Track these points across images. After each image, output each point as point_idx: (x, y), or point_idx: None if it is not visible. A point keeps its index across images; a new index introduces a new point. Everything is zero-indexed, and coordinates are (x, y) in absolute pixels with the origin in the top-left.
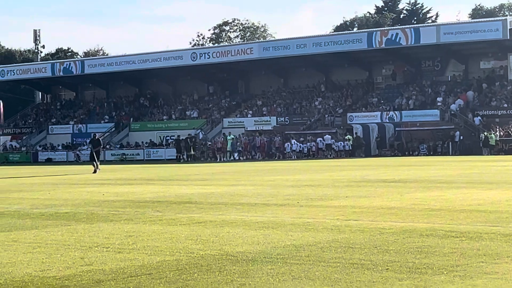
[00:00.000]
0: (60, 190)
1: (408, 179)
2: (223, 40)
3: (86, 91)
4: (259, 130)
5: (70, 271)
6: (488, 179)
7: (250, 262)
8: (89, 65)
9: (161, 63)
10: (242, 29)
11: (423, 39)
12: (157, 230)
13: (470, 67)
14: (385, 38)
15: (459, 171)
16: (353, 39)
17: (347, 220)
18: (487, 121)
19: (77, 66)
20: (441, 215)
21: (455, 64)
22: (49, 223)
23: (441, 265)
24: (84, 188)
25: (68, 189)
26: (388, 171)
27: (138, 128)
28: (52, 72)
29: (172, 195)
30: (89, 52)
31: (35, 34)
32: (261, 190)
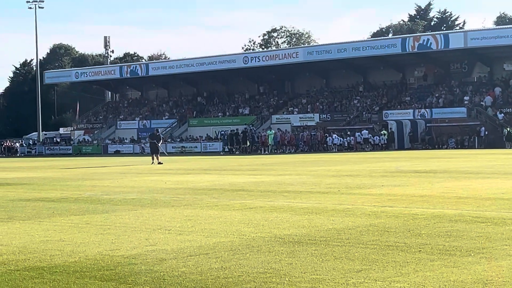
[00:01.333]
0: (127, 178)
1: (438, 170)
2: (271, 45)
3: (150, 90)
4: (303, 126)
5: (136, 250)
6: (511, 170)
7: (296, 244)
8: (153, 67)
9: (216, 65)
10: (289, 35)
11: (451, 44)
12: (213, 214)
13: (494, 69)
14: (417, 43)
15: (484, 163)
16: (388, 44)
17: (383, 207)
18: (510, 117)
19: (142, 68)
20: (468, 202)
21: (480, 66)
22: (118, 207)
23: (468, 247)
24: (148, 177)
25: (134, 178)
26: (419, 163)
27: (196, 124)
28: (120, 74)
29: (226, 184)
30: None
31: (105, 40)
32: (306, 179)
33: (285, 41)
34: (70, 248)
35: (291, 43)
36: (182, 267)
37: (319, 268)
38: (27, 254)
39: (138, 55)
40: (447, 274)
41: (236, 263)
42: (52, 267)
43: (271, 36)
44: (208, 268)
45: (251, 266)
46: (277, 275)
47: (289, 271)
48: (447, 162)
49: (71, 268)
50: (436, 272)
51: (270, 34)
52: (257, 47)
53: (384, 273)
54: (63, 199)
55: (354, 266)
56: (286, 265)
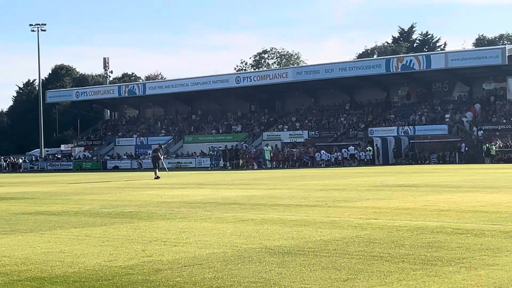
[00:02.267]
0: (125, 192)
1: (420, 184)
2: (262, 66)
3: (147, 109)
4: (293, 142)
5: (133, 261)
6: (490, 184)
7: (286, 255)
8: (150, 87)
9: (210, 85)
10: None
11: (433, 65)
12: (206, 226)
13: (474, 88)
14: (400, 64)
15: (464, 177)
16: (373, 65)
17: (368, 219)
18: (489, 134)
19: (139, 88)
20: (449, 215)
21: (461, 86)
22: (116, 220)
23: (449, 257)
24: (145, 191)
25: (132, 192)
26: (403, 177)
27: (191, 141)
28: (119, 93)
29: (220, 197)
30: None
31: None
32: (295, 193)
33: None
34: (70, 259)
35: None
36: (177, 277)
37: (307, 277)
38: (29, 265)
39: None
40: (429, 283)
41: (229, 273)
42: (52, 277)
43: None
44: (202, 278)
45: (242, 276)
46: (267, 284)
47: (279, 281)
48: (429, 176)
49: (71, 278)
50: (419, 281)
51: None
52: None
53: (369, 282)
54: (63, 213)
55: (340, 275)
56: (276, 274)
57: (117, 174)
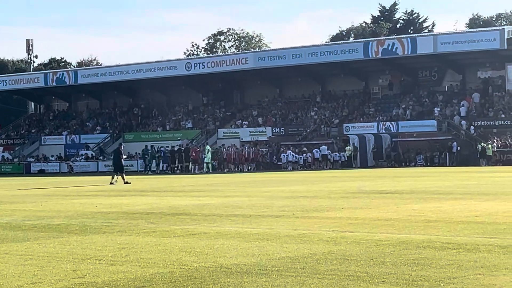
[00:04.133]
0: (52, 201)
1: (404, 190)
2: (217, 50)
3: (79, 101)
4: (254, 141)
5: (62, 283)
6: (486, 191)
7: (245, 275)
8: (82, 75)
9: (155, 73)
10: (237, 38)
11: (420, 49)
12: (150, 242)
13: (467, 77)
14: (381, 48)
15: (456, 182)
16: (349, 49)
17: (343, 232)
18: (484, 131)
19: (70, 76)
20: (438, 226)
21: (452, 74)
22: (41, 235)
23: (438, 277)
24: (77, 200)
25: (61, 201)
26: (384, 182)
27: (132, 139)
28: (45, 82)
29: (166, 207)
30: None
31: (28, 43)
32: (256, 201)
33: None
34: None
35: (240, 48)
36: None
37: None
38: None
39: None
40: None
41: None
42: None
43: (217, 39)
44: None
45: None
46: None
47: None
48: (415, 181)
49: None
50: None
51: (216, 37)
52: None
53: None
54: None
55: None
56: None
57: (43, 180)
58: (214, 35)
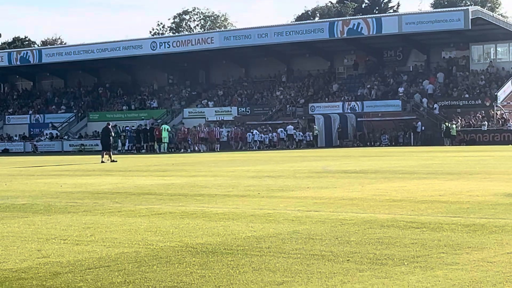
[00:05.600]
0: (17, 181)
1: (369, 169)
2: (183, 30)
3: (43, 80)
4: (220, 121)
5: (27, 263)
6: (450, 170)
7: (210, 254)
8: (47, 54)
9: (120, 52)
10: (203, 18)
11: (384, 29)
12: (115, 221)
13: (431, 57)
14: (346, 28)
15: (420, 162)
16: (314, 29)
17: (308, 211)
18: (448, 111)
19: (34, 55)
20: (402, 206)
21: (416, 54)
22: (5, 215)
23: (402, 256)
24: (42, 179)
25: (25, 180)
26: (349, 162)
27: (97, 118)
28: (9, 61)
29: (131, 186)
30: (47, 41)
31: None
32: (222, 181)
33: (198, 24)
34: None
35: (205, 27)
36: (79, 281)
37: (235, 281)
38: None
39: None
40: (377, 285)
41: (142, 276)
42: None
43: (182, 18)
44: (110, 283)
45: (158, 280)
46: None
47: (202, 285)
48: (379, 161)
49: None
50: (366, 283)
51: (181, 16)
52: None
53: (308, 286)
54: None
55: (275, 278)
56: (198, 278)
57: (8, 159)
58: (180, 14)
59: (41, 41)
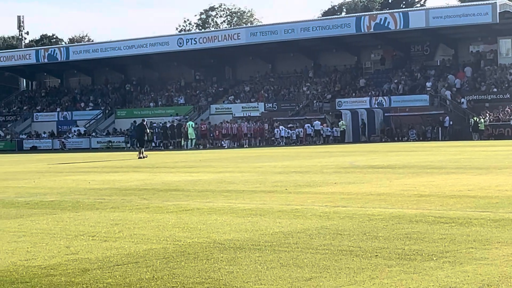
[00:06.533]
0: (45, 178)
1: (397, 164)
2: (209, 26)
3: (71, 78)
4: (246, 117)
5: (56, 260)
6: (478, 164)
7: (238, 250)
8: (74, 51)
9: (146, 49)
10: (229, 14)
11: (412, 24)
12: (143, 218)
13: (459, 51)
14: (373, 23)
15: (448, 157)
16: (341, 24)
17: (336, 207)
18: (477, 106)
19: (61, 52)
20: (430, 200)
21: (444, 49)
22: (34, 211)
23: (430, 251)
24: (70, 176)
25: (54, 177)
26: (377, 157)
27: (124, 115)
28: (37, 59)
29: (159, 183)
30: (74, 38)
31: (19, 20)
32: (249, 177)
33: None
34: None
35: (232, 23)
36: (108, 278)
37: (263, 276)
38: None
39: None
40: (406, 281)
41: (170, 273)
42: None
43: (209, 15)
44: (138, 279)
45: (186, 276)
46: (216, 285)
47: (230, 281)
48: (407, 156)
49: None
50: (394, 279)
51: (207, 12)
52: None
53: (336, 281)
54: None
55: (303, 273)
56: (226, 274)
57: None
58: (206, 10)
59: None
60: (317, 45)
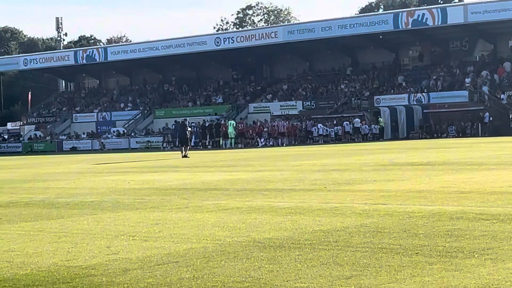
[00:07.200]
0: (85, 178)
1: (436, 161)
2: (247, 25)
3: (109, 78)
4: (285, 115)
5: (96, 260)
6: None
7: (278, 248)
8: (112, 52)
9: (184, 48)
10: (266, 12)
11: (450, 19)
12: (183, 217)
13: (498, 46)
14: (411, 19)
15: (489, 153)
16: (378, 21)
17: (375, 204)
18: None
19: (100, 53)
20: (471, 197)
21: (483, 44)
22: (75, 212)
23: (471, 248)
24: (109, 177)
25: (93, 178)
26: (416, 154)
27: (163, 115)
28: (75, 60)
29: (198, 182)
30: (112, 39)
31: (57, 22)
32: (288, 175)
33: (262, 19)
34: (21, 259)
35: (269, 22)
36: (148, 277)
37: (303, 275)
38: None
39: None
40: (447, 278)
41: (210, 272)
42: (0, 281)
43: (246, 14)
44: (178, 278)
45: (227, 275)
46: (256, 284)
47: (270, 280)
48: (446, 152)
49: (21, 281)
50: (436, 276)
51: (245, 11)
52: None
53: (377, 279)
54: (12, 204)
55: (343, 272)
56: (267, 272)
57: (76, 157)
58: (243, 9)
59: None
60: (355, 42)
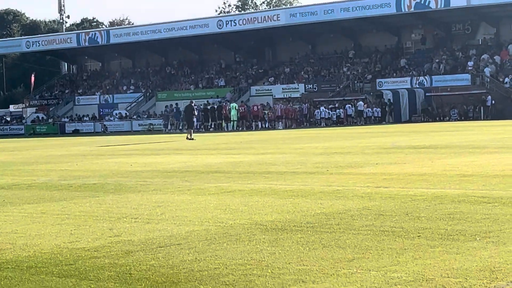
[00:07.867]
0: (87, 161)
1: (439, 144)
2: (249, 7)
3: (112, 61)
4: (287, 98)
5: (99, 242)
6: None
7: (280, 231)
8: (115, 34)
9: (187, 31)
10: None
11: (453, 2)
12: (185, 200)
13: (501, 29)
14: (414, 2)
15: (491, 136)
16: (381, 4)
17: (377, 187)
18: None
19: (102, 36)
20: (473, 180)
21: (485, 27)
22: (77, 194)
23: (473, 231)
24: (112, 159)
25: (96, 160)
26: (418, 137)
27: (165, 98)
28: (78, 42)
29: (200, 165)
30: (114, 21)
31: (60, 4)
32: (290, 158)
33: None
34: (23, 241)
35: (271, 4)
36: (151, 259)
37: (305, 257)
38: None
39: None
40: (449, 261)
41: (212, 254)
42: (2, 263)
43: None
44: (181, 261)
45: (229, 257)
46: (258, 266)
47: (272, 262)
48: (449, 135)
49: (24, 263)
50: (437, 259)
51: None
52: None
53: (379, 262)
54: (14, 186)
55: (345, 254)
56: (269, 255)
57: (78, 139)
58: None
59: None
60: (357, 25)
